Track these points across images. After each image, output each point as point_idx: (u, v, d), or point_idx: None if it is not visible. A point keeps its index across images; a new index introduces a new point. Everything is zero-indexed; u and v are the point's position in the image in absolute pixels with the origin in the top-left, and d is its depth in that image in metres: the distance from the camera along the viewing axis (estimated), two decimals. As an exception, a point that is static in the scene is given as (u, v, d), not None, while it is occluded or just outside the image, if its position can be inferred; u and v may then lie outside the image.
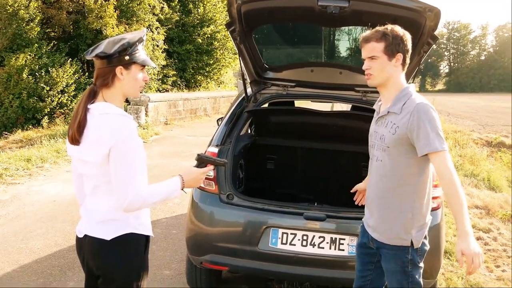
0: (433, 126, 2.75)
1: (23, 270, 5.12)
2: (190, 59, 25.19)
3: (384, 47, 2.87)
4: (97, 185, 2.56)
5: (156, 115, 17.64)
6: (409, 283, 2.96)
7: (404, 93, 2.92)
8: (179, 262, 5.38)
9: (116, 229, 2.54)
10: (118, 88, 2.54)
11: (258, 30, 4.82)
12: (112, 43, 2.48)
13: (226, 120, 4.70)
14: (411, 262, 2.94)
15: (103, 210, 2.56)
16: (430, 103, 2.85)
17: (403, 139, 2.83)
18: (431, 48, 4.11)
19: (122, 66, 2.50)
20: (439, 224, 3.91)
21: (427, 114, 2.77)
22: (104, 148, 2.41)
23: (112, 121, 2.43)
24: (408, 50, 2.92)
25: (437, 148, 2.73)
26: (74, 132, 2.46)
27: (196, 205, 4.21)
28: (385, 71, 2.90)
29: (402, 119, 2.84)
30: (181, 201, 7.60)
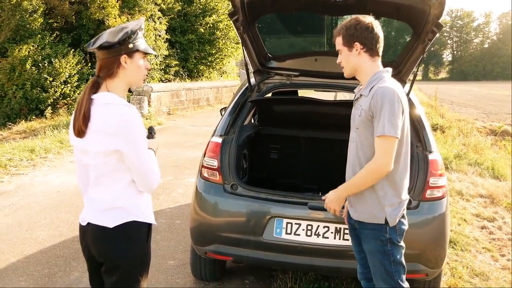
0: (388, 111, 2.81)
1: (28, 261, 5.14)
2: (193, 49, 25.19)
3: (342, 40, 3.02)
4: (100, 174, 2.57)
5: (159, 105, 17.63)
6: (391, 262, 3.03)
7: (375, 77, 2.99)
8: (183, 252, 5.39)
9: (118, 217, 2.57)
10: (122, 78, 2.57)
11: (261, 19, 4.79)
12: (114, 33, 2.49)
13: (229, 110, 4.68)
14: (390, 241, 3.01)
15: (106, 198, 2.59)
16: (395, 87, 2.89)
17: (368, 120, 2.92)
18: (436, 36, 4.08)
19: (126, 54, 2.52)
20: (444, 213, 3.91)
21: (385, 98, 2.83)
22: (109, 138, 2.44)
23: (116, 111, 2.46)
24: (369, 36, 2.97)
25: (382, 132, 2.81)
26: (80, 124, 2.47)
27: (200, 195, 4.21)
28: (350, 62, 3.04)
29: (367, 101, 2.93)
30: (185, 191, 7.62)
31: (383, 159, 2.84)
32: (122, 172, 2.56)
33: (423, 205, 3.88)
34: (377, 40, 3.00)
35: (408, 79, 4.72)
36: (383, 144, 2.84)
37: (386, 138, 2.82)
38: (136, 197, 2.63)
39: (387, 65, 4.71)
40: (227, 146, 4.27)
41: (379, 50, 3.04)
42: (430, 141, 4.19)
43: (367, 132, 2.96)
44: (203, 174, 4.24)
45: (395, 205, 3.00)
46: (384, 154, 2.84)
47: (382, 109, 2.81)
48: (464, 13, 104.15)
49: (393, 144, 2.84)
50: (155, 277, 4.78)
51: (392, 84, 2.92)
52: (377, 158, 2.86)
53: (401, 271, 3.08)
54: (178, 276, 4.87)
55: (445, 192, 3.98)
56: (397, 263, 3.05)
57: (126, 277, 2.63)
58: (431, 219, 3.92)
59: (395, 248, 3.03)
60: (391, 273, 3.05)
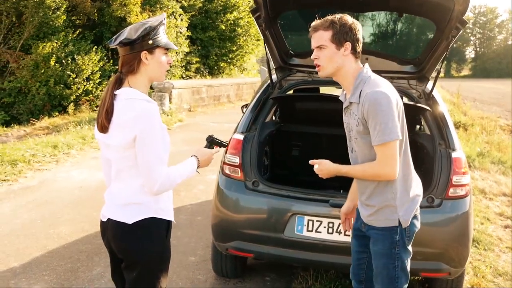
0: (381, 116, 2.67)
1: (51, 255, 5.20)
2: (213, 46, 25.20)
3: (331, 35, 2.80)
4: (120, 169, 2.61)
5: (179, 102, 17.69)
6: (395, 267, 2.93)
7: (359, 80, 2.84)
8: (204, 248, 5.41)
9: (137, 213, 2.59)
10: (143, 73, 2.59)
11: (283, 16, 4.78)
12: (134, 29, 2.53)
13: (251, 107, 4.69)
14: (399, 243, 2.90)
15: (125, 194, 2.62)
16: (383, 88, 2.76)
17: (366, 128, 2.79)
18: (460, 33, 4.04)
19: (147, 50, 2.54)
20: (467, 212, 3.88)
21: (374, 104, 2.69)
22: (128, 132, 2.47)
23: (136, 106, 2.49)
24: (358, 39, 2.83)
25: (380, 141, 2.69)
26: (103, 120, 2.51)
27: (222, 192, 4.22)
28: (333, 61, 2.82)
29: (360, 108, 2.78)
30: (206, 188, 7.64)
31: (388, 167, 2.73)
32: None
33: (446, 204, 3.86)
34: (361, 41, 2.87)
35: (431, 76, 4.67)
36: (384, 151, 2.72)
37: (386, 145, 2.69)
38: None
39: (410, 63, 4.74)
40: (249, 143, 4.27)
41: (360, 53, 2.89)
42: (454, 139, 4.16)
43: (367, 141, 2.83)
44: (224, 170, 4.26)
45: (406, 204, 2.91)
46: (388, 162, 2.73)
47: (377, 115, 2.68)
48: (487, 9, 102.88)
49: (394, 148, 2.72)
50: (176, 273, 4.81)
51: (379, 85, 2.78)
52: (383, 167, 2.75)
53: (403, 279, 2.97)
54: (199, 272, 4.89)
55: (469, 191, 3.94)
56: (401, 269, 2.95)
57: (146, 274, 2.65)
58: (454, 217, 3.89)
59: (402, 252, 2.93)
60: (393, 278, 2.95)
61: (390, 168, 2.73)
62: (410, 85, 4.68)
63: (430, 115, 4.40)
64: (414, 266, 3.81)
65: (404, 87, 4.69)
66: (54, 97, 16.27)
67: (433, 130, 4.29)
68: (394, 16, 4.85)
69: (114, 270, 2.86)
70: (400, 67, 4.76)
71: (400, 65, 4.77)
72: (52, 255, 5.22)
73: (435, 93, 4.60)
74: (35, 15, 16.04)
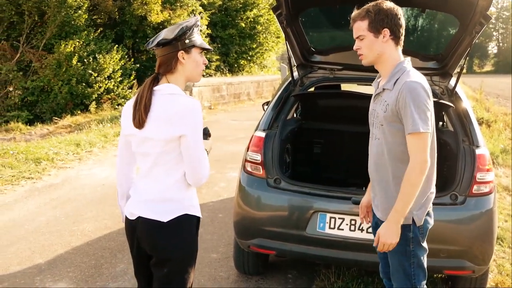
0: (417, 106, 2.66)
1: (75, 252, 5.26)
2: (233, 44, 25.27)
3: (368, 24, 2.80)
4: (156, 164, 2.62)
5: (200, 100, 17.75)
6: (411, 264, 2.92)
7: (398, 69, 2.83)
8: (226, 245, 5.43)
9: (172, 211, 2.61)
10: (181, 73, 2.65)
11: (304, 13, 4.77)
12: (171, 30, 2.58)
13: (272, 104, 4.69)
14: (413, 240, 2.88)
15: (158, 190, 2.63)
16: (422, 81, 2.76)
17: (395, 115, 2.77)
18: (483, 28, 3.99)
19: (183, 50, 2.60)
20: (491, 209, 3.83)
21: (413, 93, 2.68)
22: (176, 127, 2.51)
23: (182, 100, 2.55)
24: (397, 24, 2.80)
25: (415, 129, 2.66)
26: (141, 115, 2.54)
27: (244, 189, 4.23)
28: (374, 49, 2.83)
29: (392, 96, 2.78)
30: (227, 185, 7.67)
31: (421, 157, 2.68)
32: (177, 164, 2.61)
33: (470, 201, 3.82)
34: (403, 28, 2.84)
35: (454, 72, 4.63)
36: (417, 141, 2.68)
37: (420, 135, 2.67)
38: (187, 190, 2.68)
39: (432, 59, 4.70)
40: (270, 141, 4.28)
41: (402, 38, 2.87)
42: (477, 136, 4.12)
43: (393, 129, 2.81)
44: (246, 168, 4.26)
45: (422, 204, 2.87)
46: (421, 152, 2.68)
47: (412, 104, 2.67)
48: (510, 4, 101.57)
49: (426, 140, 2.69)
50: (198, 269, 4.83)
51: (418, 78, 2.78)
52: (415, 157, 2.69)
53: (420, 275, 2.95)
54: (221, 269, 4.91)
55: (493, 188, 3.90)
56: (418, 266, 2.93)
57: (178, 269, 2.68)
58: (478, 215, 3.85)
59: (417, 249, 2.91)
60: (410, 276, 2.93)
61: (424, 157, 2.68)
62: (433, 82, 4.63)
63: (453, 112, 4.36)
64: (438, 263, 3.82)
65: (427, 84, 4.65)
66: (76, 96, 16.44)
67: (457, 126, 4.25)
68: (416, 11, 4.81)
69: (138, 268, 2.88)
70: (423, 63, 4.72)
71: (423, 61, 4.73)
72: (76, 251, 5.28)
73: (458, 89, 4.56)
74: (57, 14, 16.22)
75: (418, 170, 2.68)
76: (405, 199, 2.71)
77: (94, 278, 4.70)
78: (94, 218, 6.29)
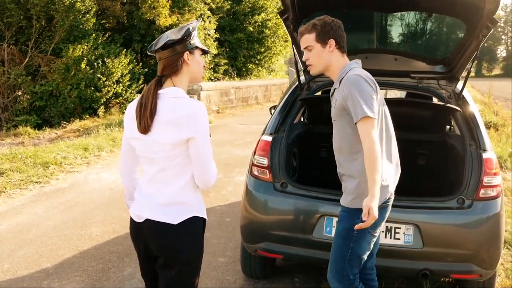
0: (362, 95, 2.90)
1: (82, 256, 5.28)
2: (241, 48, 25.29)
3: (315, 36, 3.10)
4: (163, 168, 2.63)
5: (208, 104, 17.78)
6: (349, 248, 3.11)
7: (343, 70, 3.11)
8: (234, 249, 5.44)
9: (182, 213, 2.65)
10: (186, 74, 2.68)
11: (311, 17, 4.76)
12: (176, 31, 2.62)
13: (279, 108, 4.69)
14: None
15: (168, 194, 2.65)
16: (364, 74, 3.02)
17: (342, 109, 3.04)
18: (490, 32, 3.98)
19: (188, 51, 2.64)
20: (498, 213, 3.82)
21: (356, 84, 2.93)
22: (184, 131, 2.54)
23: (189, 104, 2.58)
24: (341, 34, 3.12)
25: (363, 114, 2.86)
26: (147, 120, 2.54)
27: (251, 193, 4.23)
28: (322, 58, 3.12)
29: (340, 92, 3.06)
30: (235, 189, 7.68)
31: (370, 141, 2.86)
32: (186, 167, 2.63)
33: (477, 205, 3.81)
34: (345, 39, 3.15)
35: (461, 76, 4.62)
36: (365, 127, 2.88)
37: (366, 120, 2.87)
38: (195, 193, 2.72)
39: (439, 63, 4.70)
40: (277, 145, 4.28)
41: (346, 48, 3.17)
42: (484, 140, 4.11)
43: (343, 122, 3.08)
44: (253, 172, 4.27)
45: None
46: (369, 136, 2.87)
47: (357, 94, 2.90)
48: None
49: (373, 124, 2.89)
50: (205, 273, 4.84)
51: (361, 72, 3.03)
52: (364, 141, 2.89)
53: (355, 262, 3.14)
54: (228, 273, 4.92)
55: (500, 192, 3.89)
56: (355, 255, 3.11)
57: (186, 271, 2.72)
58: (485, 219, 3.84)
59: (361, 236, 3.08)
60: (344, 258, 3.13)
61: (374, 140, 2.86)
62: (440, 85, 4.63)
63: (460, 116, 4.35)
64: (445, 267, 3.82)
65: (434, 87, 4.65)
66: (85, 100, 16.48)
67: (464, 130, 4.25)
68: (423, 16, 4.80)
69: (145, 271, 2.90)
70: (430, 67, 4.72)
71: (430, 65, 4.73)
72: (83, 255, 5.30)
73: (465, 93, 4.55)
74: (66, 19, 16.28)
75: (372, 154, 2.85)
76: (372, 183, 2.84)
77: (102, 282, 4.72)
78: (101, 222, 6.32)
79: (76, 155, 10.06)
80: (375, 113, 2.90)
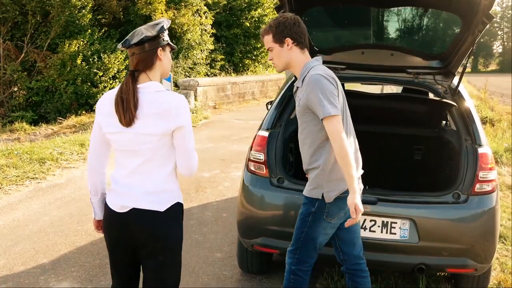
0: (324, 94, 3.02)
1: (79, 252, 5.28)
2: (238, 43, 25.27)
3: (272, 37, 3.23)
4: (149, 159, 2.72)
5: (205, 99, 17.76)
6: (303, 232, 3.32)
7: (305, 68, 3.22)
8: (230, 245, 5.45)
9: (168, 200, 2.77)
10: (158, 69, 2.78)
11: (307, 12, 4.77)
12: (150, 28, 2.71)
13: (276, 103, 4.69)
14: (314, 214, 3.27)
15: (154, 182, 2.74)
16: (324, 72, 3.13)
17: (306, 108, 3.15)
18: (486, 27, 3.99)
19: (161, 47, 2.75)
20: (493, 207, 3.85)
21: (318, 84, 3.05)
22: (171, 122, 2.65)
23: (172, 96, 2.70)
24: (297, 31, 3.19)
25: (328, 113, 2.99)
26: (131, 113, 2.62)
27: (247, 189, 4.24)
28: (282, 57, 3.25)
29: (303, 91, 3.17)
30: (231, 185, 7.68)
31: (339, 138, 2.99)
32: (169, 157, 2.75)
33: (473, 199, 3.83)
34: (304, 33, 3.24)
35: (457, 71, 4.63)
36: (333, 126, 3.01)
37: (332, 118, 2.99)
38: (177, 181, 2.85)
39: (435, 58, 4.70)
40: (274, 140, 4.28)
41: (306, 42, 3.26)
42: (480, 135, 4.13)
43: (307, 119, 3.20)
44: (249, 167, 4.27)
45: (333, 183, 3.21)
46: (337, 133, 3.00)
47: (318, 94, 3.02)
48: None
49: (339, 121, 3.03)
50: (202, 269, 4.85)
51: (321, 70, 3.13)
52: (334, 140, 3.01)
53: (308, 245, 3.35)
54: (225, 268, 4.93)
55: (495, 186, 3.91)
56: (309, 237, 3.32)
57: (173, 256, 2.85)
58: (480, 213, 3.86)
59: (315, 223, 3.27)
60: (299, 240, 3.36)
61: (342, 137, 3.00)
62: (436, 81, 4.64)
63: (456, 111, 4.37)
64: (440, 262, 3.84)
65: (430, 83, 4.66)
66: (81, 96, 16.44)
67: (459, 125, 4.26)
68: (419, 11, 4.81)
69: (119, 261, 2.99)
70: (426, 63, 4.73)
71: (426, 60, 4.74)
72: (80, 251, 5.30)
73: (461, 88, 4.56)
74: (61, 14, 16.24)
75: (342, 150, 2.99)
76: (350, 179, 2.99)
77: (99, 277, 4.72)
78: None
79: (73, 150, 10.04)
80: (338, 110, 3.03)
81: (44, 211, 6.61)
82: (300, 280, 3.44)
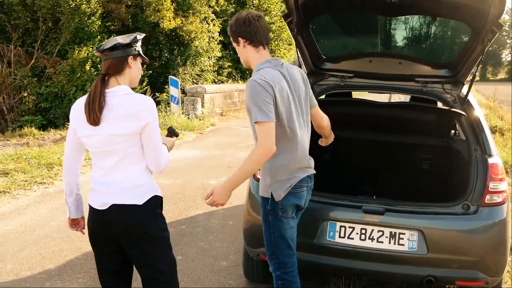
0: (255, 101, 3.10)
1: (85, 258, 5.27)
2: (246, 51, 25.23)
3: (231, 37, 3.40)
4: (124, 156, 2.87)
5: (212, 106, 17.78)
6: (271, 233, 3.40)
7: (256, 69, 3.31)
8: (236, 253, 5.41)
9: (145, 193, 2.91)
10: (127, 75, 2.94)
11: (315, 20, 4.76)
12: (125, 37, 2.93)
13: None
14: (271, 212, 3.36)
15: (130, 178, 2.89)
16: (260, 78, 3.16)
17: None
18: (495, 36, 3.96)
19: (132, 56, 2.93)
20: (504, 219, 3.79)
21: (250, 90, 3.14)
22: (141, 121, 2.81)
23: (140, 98, 2.88)
24: (247, 30, 3.27)
25: (255, 119, 3.11)
26: (95, 113, 2.76)
27: (253, 197, 4.21)
28: (241, 55, 3.41)
29: None
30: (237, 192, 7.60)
31: (265, 143, 3.08)
32: (141, 155, 2.91)
33: (482, 211, 3.78)
34: (256, 31, 3.28)
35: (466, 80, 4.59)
36: (261, 130, 3.10)
37: (260, 124, 3.09)
38: (151, 176, 2.99)
39: (444, 67, 4.67)
40: None
41: (261, 39, 3.31)
42: (490, 144, 4.08)
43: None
44: (255, 175, 4.24)
45: (282, 182, 3.31)
46: (265, 138, 3.08)
47: (252, 100, 3.11)
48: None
49: (269, 128, 3.10)
50: (208, 277, 4.83)
51: (258, 75, 3.18)
52: (260, 142, 3.10)
53: (282, 244, 3.40)
54: (230, 277, 4.90)
55: (506, 198, 3.85)
56: (279, 236, 3.38)
57: (160, 242, 2.97)
58: (490, 225, 3.81)
59: (277, 221, 3.35)
60: (271, 243, 3.41)
61: (269, 143, 3.10)
62: (444, 90, 4.60)
63: (465, 120, 4.32)
64: (450, 274, 3.79)
65: (438, 92, 4.62)
66: (90, 101, 16.46)
67: (469, 135, 4.21)
68: (428, 20, 4.78)
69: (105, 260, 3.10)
70: (435, 71, 4.69)
71: (434, 69, 4.70)
72: (86, 257, 5.29)
73: (470, 97, 4.52)
74: (71, 21, 16.35)
75: (262, 152, 3.12)
76: (242, 173, 3.23)
77: (103, 284, 4.70)
78: (104, 224, 6.29)
79: (80, 156, 10.03)
80: (269, 117, 3.09)
81: (51, 216, 6.61)
82: (288, 283, 3.46)
